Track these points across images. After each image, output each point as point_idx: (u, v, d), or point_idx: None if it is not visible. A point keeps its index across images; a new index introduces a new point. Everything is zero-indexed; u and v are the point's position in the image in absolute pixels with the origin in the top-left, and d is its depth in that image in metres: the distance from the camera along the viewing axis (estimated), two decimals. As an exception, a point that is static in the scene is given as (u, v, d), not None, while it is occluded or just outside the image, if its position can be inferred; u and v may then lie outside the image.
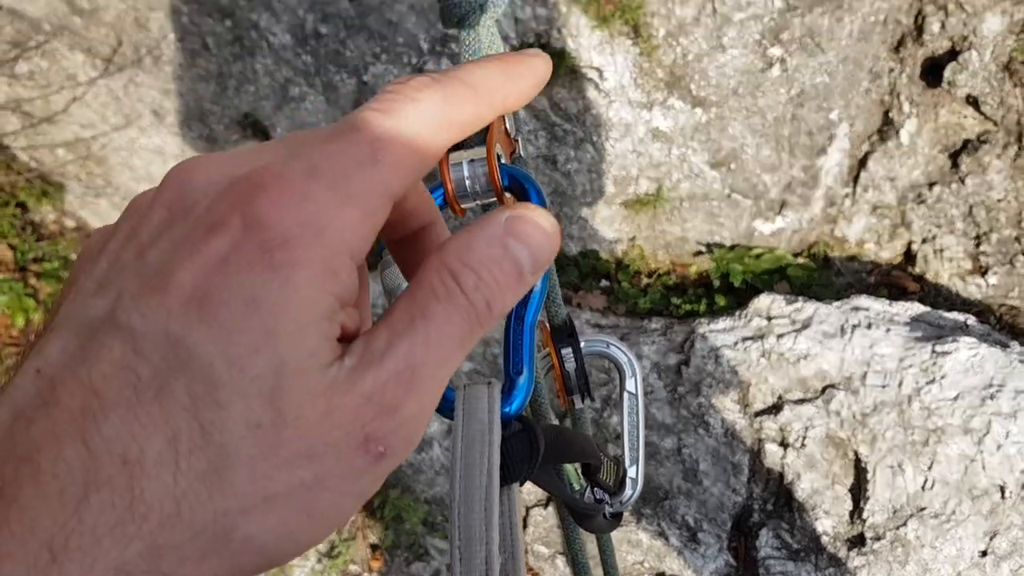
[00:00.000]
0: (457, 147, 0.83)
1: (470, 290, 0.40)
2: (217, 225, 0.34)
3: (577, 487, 1.02)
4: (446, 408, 0.70)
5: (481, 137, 0.81)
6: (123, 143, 3.16)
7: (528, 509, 2.62)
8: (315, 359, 0.35)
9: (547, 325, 1.10)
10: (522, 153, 0.88)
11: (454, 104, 0.44)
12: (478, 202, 0.80)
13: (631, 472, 1.05)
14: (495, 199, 0.77)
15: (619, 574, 1.43)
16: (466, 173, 0.77)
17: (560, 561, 2.56)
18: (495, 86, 0.46)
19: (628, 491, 1.05)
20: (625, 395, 1.07)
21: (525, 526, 2.63)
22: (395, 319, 0.39)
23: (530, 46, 2.45)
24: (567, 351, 1.05)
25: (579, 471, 0.99)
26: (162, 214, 0.36)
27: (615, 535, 2.46)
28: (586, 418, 1.18)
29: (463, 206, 0.79)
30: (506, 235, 0.43)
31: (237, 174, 0.36)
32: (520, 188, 0.78)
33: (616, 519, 1.10)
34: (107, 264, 0.36)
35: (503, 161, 0.80)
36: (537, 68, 0.48)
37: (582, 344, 1.06)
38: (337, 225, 0.36)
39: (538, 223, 0.45)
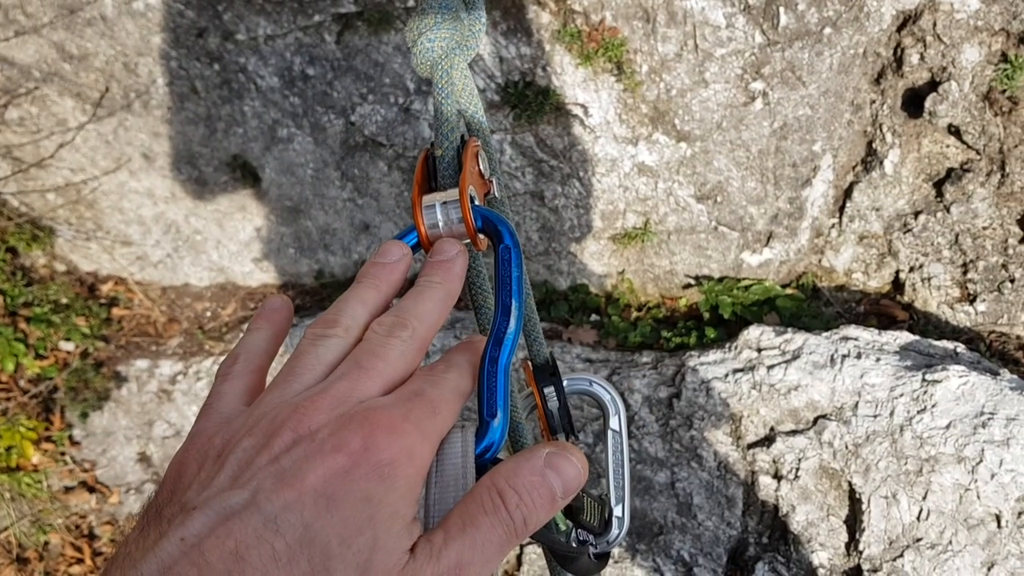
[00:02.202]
0: (432, 188, 0.83)
1: (512, 508, 0.53)
2: (342, 446, 0.49)
3: (563, 528, 1.01)
4: None
5: (455, 177, 0.82)
6: (113, 187, 3.18)
7: (522, 548, 2.60)
8: (397, 543, 0.49)
9: (530, 365, 1.10)
10: (497, 194, 0.89)
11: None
12: None
13: (616, 511, 1.04)
14: (469, 240, 0.78)
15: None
16: (440, 217, 0.78)
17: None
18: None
19: (615, 531, 1.04)
20: (609, 433, 1.06)
21: (520, 564, 2.61)
22: (450, 524, 0.52)
23: (515, 84, 2.47)
24: (549, 390, 1.05)
25: (562, 512, 0.98)
26: (290, 435, 0.50)
27: (609, 573, 2.44)
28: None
29: None
30: (546, 467, 0.56)
31: (345, 411, 0.52)
32: (494, 230, 0.78)
33: (603, 559, 1.09)
34: (238, 465, 0.50)
35: (476, 202, 0.80)
36: None
37: (565, 383, 1.06)
38: (420, 454, 0.53)
39: (572, 460, 0.58)
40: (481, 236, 0.76)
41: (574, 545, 0.97)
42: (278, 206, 3.05)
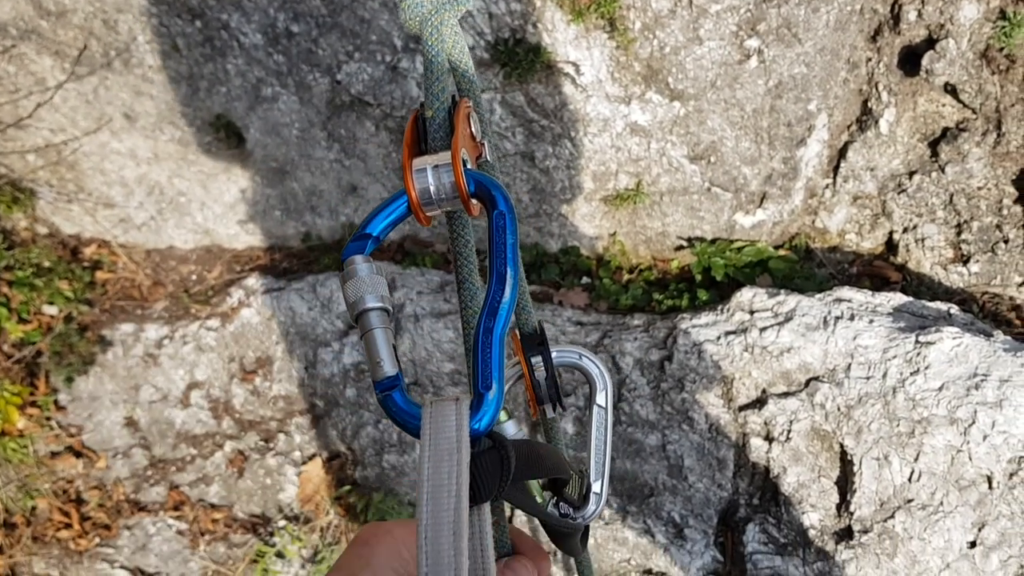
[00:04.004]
0: (422, 151, 0.79)
1: None
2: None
3: (540, 500, 0.99)
4: (412, 426, 0.67)
5: (446, 139, 0.78)
6: (94, 147, 3.11)
7: (512, 511, 2.60)
8: None
9: (517, 333, 1.07)
10: (489, 157, 0.85)
11: None
12: (444, 209, 0.76)
13: (595, 487, 1.02)
14: (461, 206, 0.74)
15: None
16: (431, 181, 0.74)
17: (547, 561, 2.53)
18: None
19: (591, 506, 1.02)
20: (595, 408, 1.04)
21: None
22: None
23: (505, 41, 2.42)
24: (537, 360, 1.02)
25: (541, 484, 0.96)
26: None
27: (600, 535, 2.44)
28: (558, 427, 1.15)
29: (428, 214, 0.75)
30: None
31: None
32: (488, 195, 0.74)
33: (583, 537, 1.07)
34: None
35: (469, 166, 0.76)
36: None
37: (553, 354, 1.03)
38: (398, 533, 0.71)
39: None
40: (474, 201, 0.73)
41: (567, 521, 0.95)
42: (263, 167, 2.99)
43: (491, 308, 0.69)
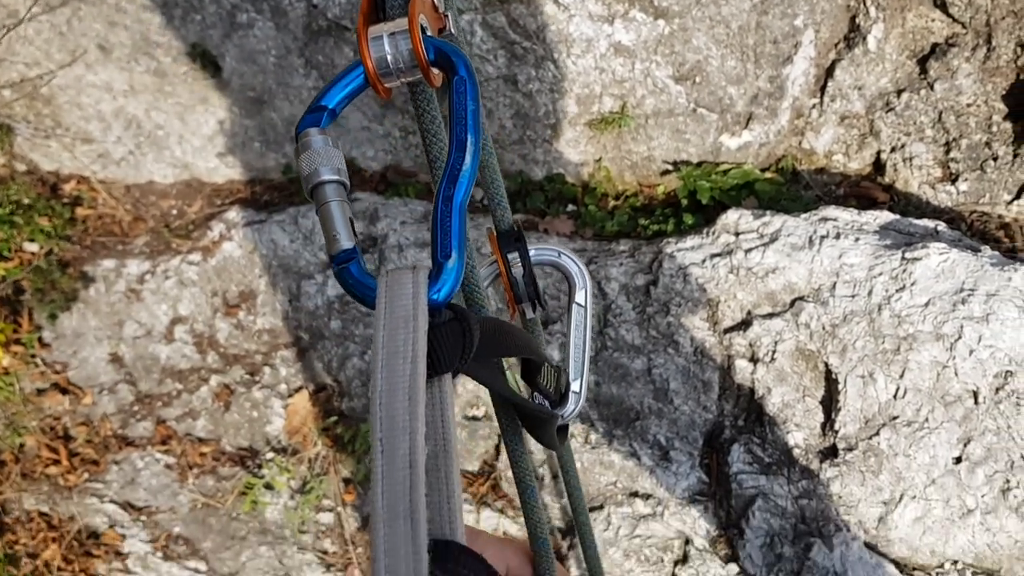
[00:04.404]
0: (378, 19, 0.75)
1: None
2: None
3: (516, 391, 0.97)
4: (369, 298, 0.64)
5: (404, 6, 0.74)
6: (70, 81, 3.05)
7: (500, 437, 2.59)
8: None
9: (494, 231, 1.04)
10: (453, 30, 0.81)
11: None
12: (403, 80, 0.73)
13: (574, 386, 1.01)
14: (421, 76, 0.71)
15: (582, 493, 1.39)
16: (388, 49, 0.70)
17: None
18: None
19: (571, 405, 1.00)
20: (574, 307, 1.02)
21: (498, 454, 2.61)
22: None
23: (483, -41, 2.35)
24: (514, 256, 1.00)
25: (518, 379, 0.94)
26: None
27: (587, 459, 2.44)
28: (539, 330, 1.13)
29: (387, 85, 0.72)
30: None
31: None
32: (447, 62, 0.71)
33: (563, 433, 1.05)
34: None
35: (429, 34, 0.73)
36: None
37: (531, 252, 1.01)
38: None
39: None
40: (435, 71, 0.70)
41: (542, 407, 0.94)
42: (241, 97, 2.93)
43: (451, 176, 0.66)
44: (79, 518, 2.93)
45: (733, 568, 2.31)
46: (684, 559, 2.36)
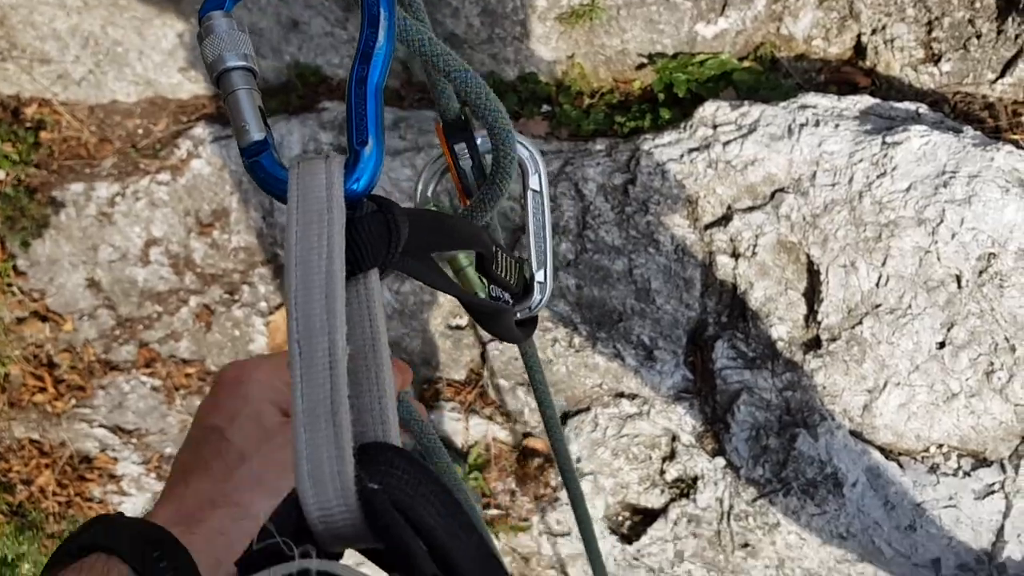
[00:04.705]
0: None
1: None
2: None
3: (483, 295, 0.94)
4: (281, 191, 0.60)
5: None
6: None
7: (484, 345, 2.58)
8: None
9: (440, 122, 1.00)
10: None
11: None
12: None
13: (538, 276, 0.98)
14: None
15: (547, 388, 1.37)
16: None
17: (521, 391, 2.54)
18: None
19: (536, 296, 0.97)
20: (529, 194, 0.98)
21: (483, 362, 2.60)
22: None
23: None
24: (461, 147, 0.96)
25: (483, 279, 0.91)
26: None
27: (571, 362, 2.43)
28: (496, 224, 1.09)
29: None
30: None
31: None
32: None
33: (529, 327, 1.02)
34: None
35: None
36: None
37: (478, 140, 0.97)
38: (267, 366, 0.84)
39: None
40: None
41: (490, 301, 0.91)
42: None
43: (363, 54, 0.61)
44: (70, 443, 2.94)
45: (720, 461, 2.33)
46: (671, 455, 2.38)
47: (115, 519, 0.69)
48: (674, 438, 2.38)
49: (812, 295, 2.20)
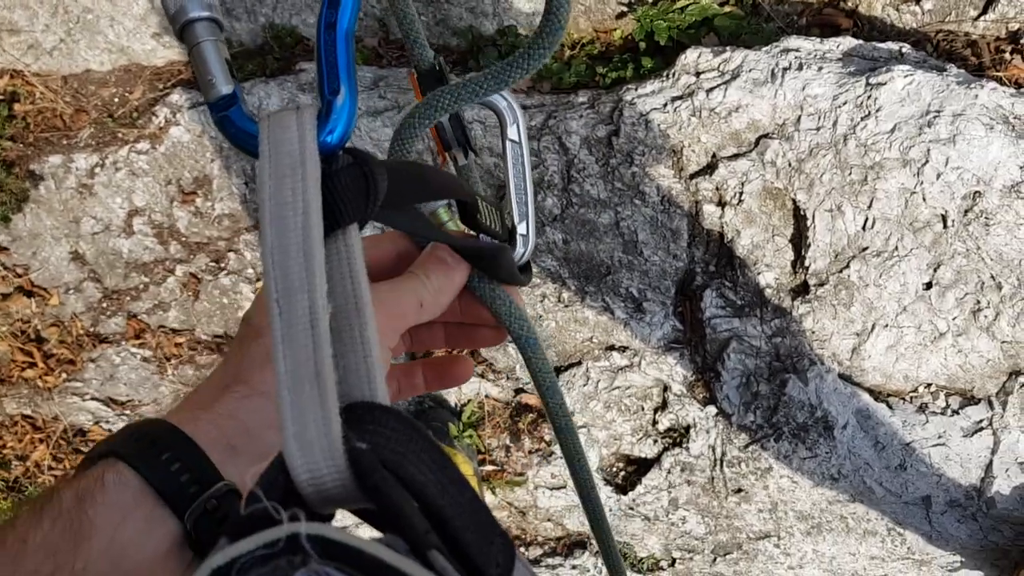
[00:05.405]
0: None
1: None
2: None
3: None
4: (252, 146, 0.58)
5: None
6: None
7: (473, 303, 2.57)
8: None
9: (414, 73, 0.98)
10: None
11: None
12: None
13: (521, 228, 0.96)
14: None
15: (540, 346, 1.37)
16: None
17: (512, 348, 2.54)
18: None
19: (520, 248, 0.96)
20: (508, 144, 0.96)
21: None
22: None
23: None
24: None
25: (461, 225, 0.90)
26: None
27: (561, 317, 2.43)
28: (475, 177, 1.08)
29: None
30: None
31: None
32: None
33: (527, 272, 1.00)
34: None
35: None
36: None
37: None
38: None
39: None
40: None
41: (479, 242, 0.89)
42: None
43: None
44: (63, 418, 2.94)
45: (711, 410, 2.34)
46: (663, 406, 2.39)
47: (130, 424, 0.69)
48: (665, 388, 2.39)
49: (799, 241, 2.19)
